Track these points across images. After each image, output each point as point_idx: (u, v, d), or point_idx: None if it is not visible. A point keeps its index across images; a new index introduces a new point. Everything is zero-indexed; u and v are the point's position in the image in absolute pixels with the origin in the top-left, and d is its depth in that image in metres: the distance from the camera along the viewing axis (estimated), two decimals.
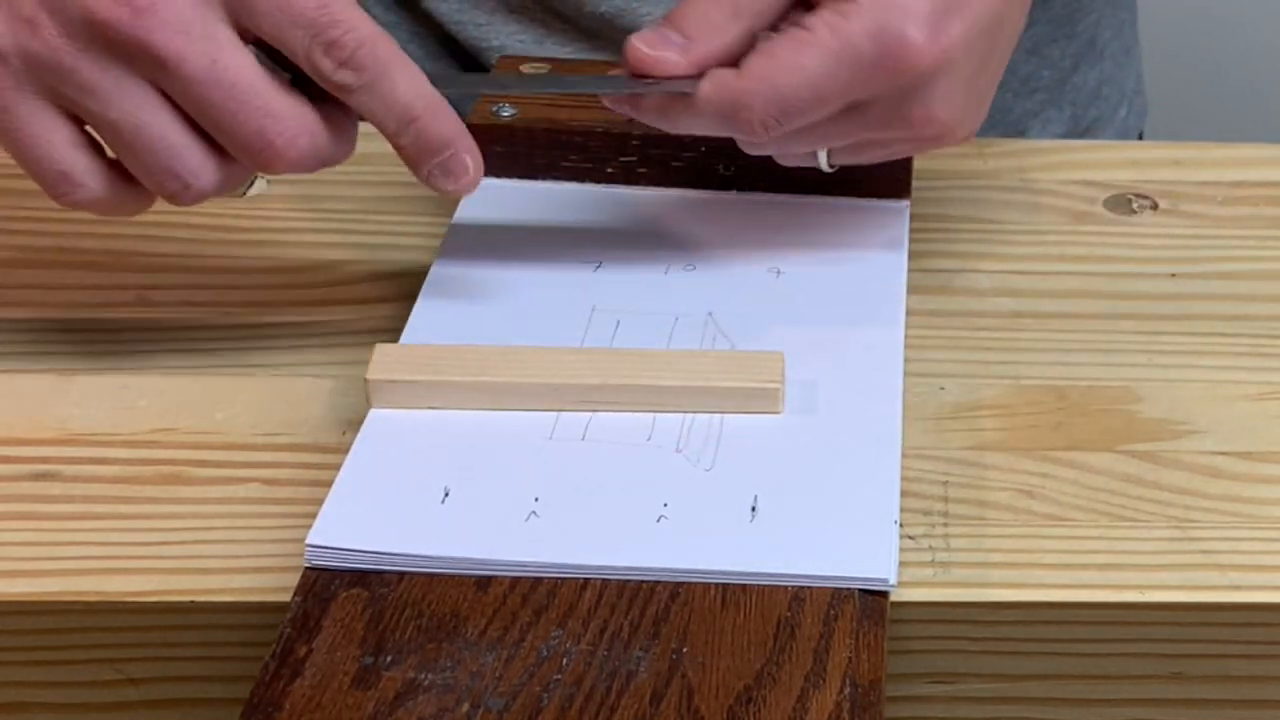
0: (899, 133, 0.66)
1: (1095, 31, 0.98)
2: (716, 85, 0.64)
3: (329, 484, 0.62)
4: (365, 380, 0.65)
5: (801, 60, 0.63)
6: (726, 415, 0.65)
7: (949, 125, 0.66)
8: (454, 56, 0.94)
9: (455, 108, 0.95)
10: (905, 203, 0.77)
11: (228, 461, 0.66)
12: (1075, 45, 0.97)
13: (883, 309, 0.70)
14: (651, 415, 0.65)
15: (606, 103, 0.67)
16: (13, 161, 0.63)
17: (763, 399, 0.65)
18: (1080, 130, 0.99)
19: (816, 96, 0.64)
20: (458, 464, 0.63)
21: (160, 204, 0.67)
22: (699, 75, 0.65)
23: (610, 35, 0.90)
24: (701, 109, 0.65)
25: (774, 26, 0.65)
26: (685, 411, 0.65)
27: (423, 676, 0.55)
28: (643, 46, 0.65)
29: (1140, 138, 1.05)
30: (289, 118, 0.63)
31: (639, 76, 0.66)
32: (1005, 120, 0.96)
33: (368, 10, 0.92)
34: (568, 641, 0.56)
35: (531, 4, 0.91)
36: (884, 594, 0.59)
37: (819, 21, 0.63)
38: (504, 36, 0.91)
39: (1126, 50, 1.02)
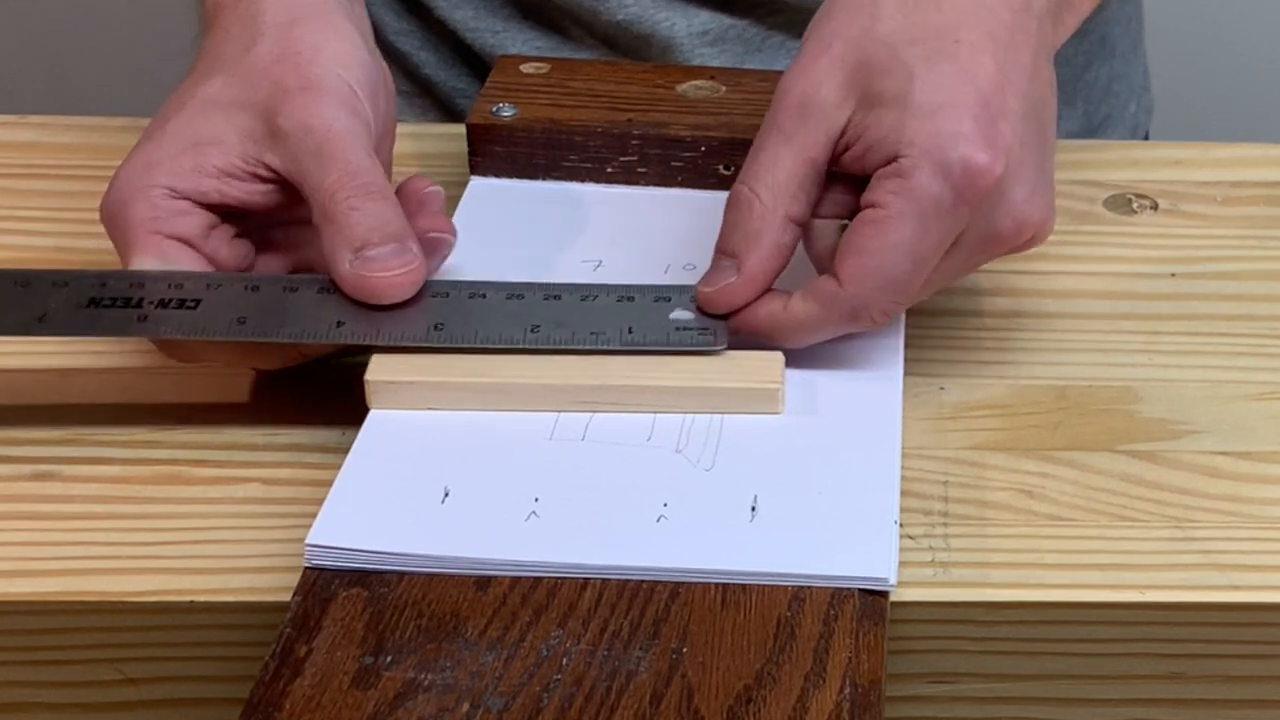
0: (997, 248, 0.66)
1: (1106, 29, 0.98)
2: (824, 300, 0.64)
3: (329, 484, 0.62)
4: (365, 381, 0.65)
5: (890, 239, 0.62)
6: (727, 415, 0.65)
7: (1038, 222, 0.65)
8: (468, 64, 0.94)
9: (450, 105, 0.95)
10: None
11: (228, 461, 0.66)
12: (1087, 43, 0.96)
13: None
14: (651, 416, 0.65)
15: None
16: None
17: (762, 400, 0.65)
18: (1092, 128, 0.98)
19: (917, 261, 0.63)
20: (458, 464, 0.62)
21: None
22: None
23: (627, 43, 0.89)
24: (820, 324, 0.65)
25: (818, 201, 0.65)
26: (685, 412, 0.65)
27: (423, 676, 0.55)
28: (706, 289, 0.65)
29: (1147, 136, 1.05)
30: None
31: (721, 317, 0.65)
32: None
33: (380, 16, 0.93)
34: (568, 641, 0.56)
35: (547, 11, 0.90)
36: (884, 594, 0.59)
37: (883, 193, 0.63)
38: (519, 44, 0.91)
39: (1134, 47, 1.02)
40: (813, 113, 0.64)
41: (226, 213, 0.68)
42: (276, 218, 0.69)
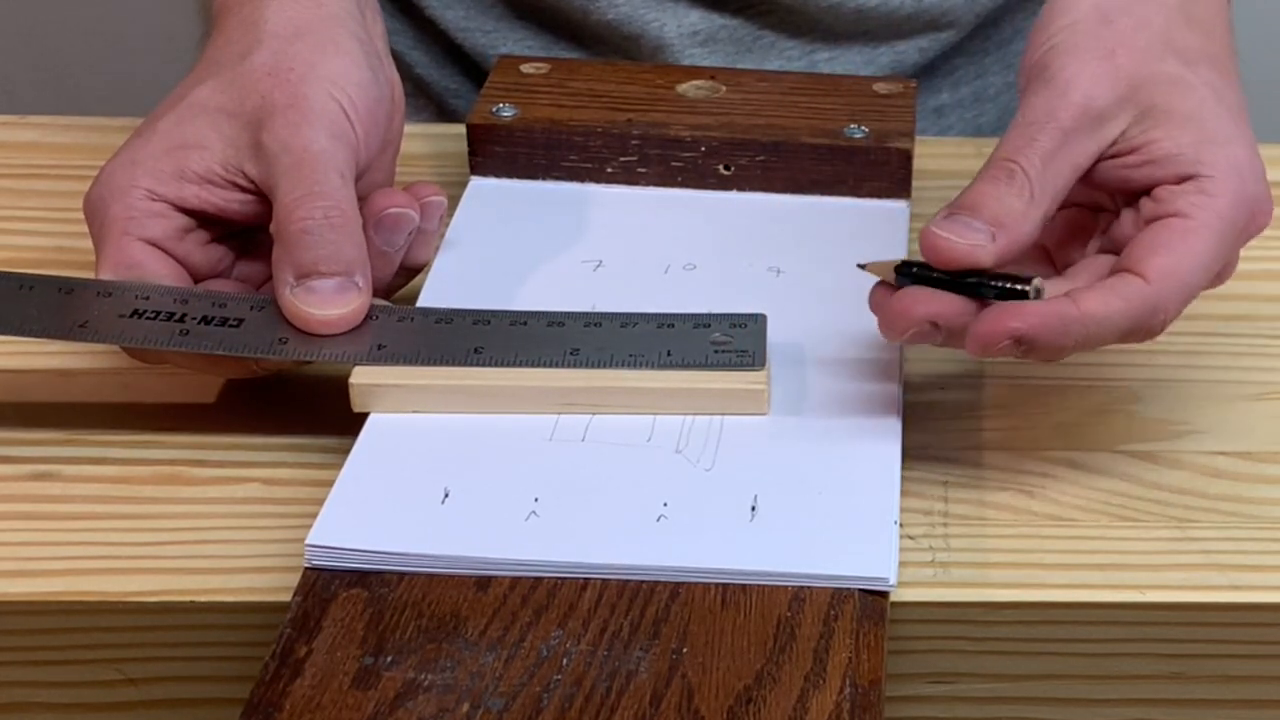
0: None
1: None
2: (1129, 295, 0.61)
3: (329, 484, 0.62)
4: (349, 384, 0.64)
5: (1196, 246, 0.62)
6: (727, 416, 0.65)
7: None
8: (459, 64, 0.94)
9: (442, 105, 0.95)
10: (905, 203, 0.77)
11: (228, 461, 0.66)
12: None
13: None
14: (651, 416, 0.65)
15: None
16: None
17: (748, 401, 0.65)
18: None
19: (1207, 275, 0.63)
20: (458, 465, 0.62)
21: None
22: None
23: (617, 43, 0.89)
24: (1115, 321, 0.61)
25: (1063, 207, 0.64)
26: (669, 413, 0.65)
27: (423, 676, 0.55)
28: (949, 235, 0.61)
29: None
30: None
31: (939, 267, 0.61)
32: None
33: None
34: (568, 641, 0.56)
35: (538, 10, 0.90)
36: (884, 594, 0.59)
37: (1188, 204, 0.63)
38: (511, 43, 0.91)
39: None
40: (1092, 120, 0.63)
41: (205, 218, 0.68)
42: (256, 225, 0.69)
